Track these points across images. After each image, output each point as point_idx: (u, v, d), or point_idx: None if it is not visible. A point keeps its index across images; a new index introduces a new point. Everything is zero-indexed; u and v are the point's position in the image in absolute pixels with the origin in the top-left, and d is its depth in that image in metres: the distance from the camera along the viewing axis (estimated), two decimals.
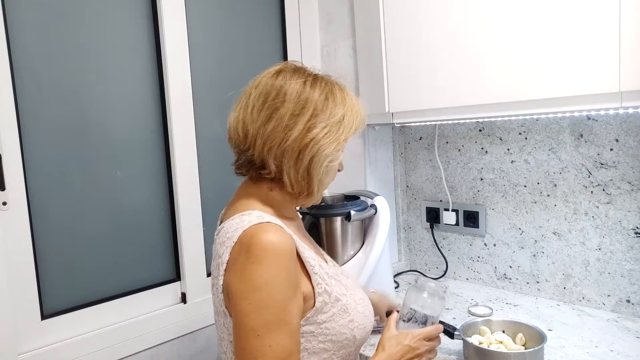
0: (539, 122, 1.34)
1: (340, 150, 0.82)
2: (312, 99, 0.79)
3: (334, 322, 0.80)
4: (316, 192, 0.83)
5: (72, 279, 1.17)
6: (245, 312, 0.71)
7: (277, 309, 0.71)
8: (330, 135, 0.79)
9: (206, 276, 1.40)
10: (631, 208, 1.21)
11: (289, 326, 0.72)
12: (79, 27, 1.16)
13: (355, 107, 0.84)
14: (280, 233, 0.74)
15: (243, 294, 0.71)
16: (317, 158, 0.78)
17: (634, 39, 0.92)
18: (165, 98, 1.31)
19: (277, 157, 0.79)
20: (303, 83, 0.80)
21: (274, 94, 0.79)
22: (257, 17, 1.55)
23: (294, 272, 0.75)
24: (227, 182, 1.46)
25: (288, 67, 0.84)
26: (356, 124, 0.83)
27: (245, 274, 0.71)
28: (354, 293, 0.87)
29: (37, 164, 1.10)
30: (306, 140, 0.77)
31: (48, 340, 1.11)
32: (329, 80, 0.84)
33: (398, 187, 1.70)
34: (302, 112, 0.78)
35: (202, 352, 1.38)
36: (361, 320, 0.85)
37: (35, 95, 1.10)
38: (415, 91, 1.29)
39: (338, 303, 0.81)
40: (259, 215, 0.77)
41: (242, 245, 0.73)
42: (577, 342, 1.11)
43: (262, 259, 0.71)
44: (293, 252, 0.75)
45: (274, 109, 0.79)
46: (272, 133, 0.78)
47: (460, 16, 1.18)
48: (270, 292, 0.71)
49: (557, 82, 1.03)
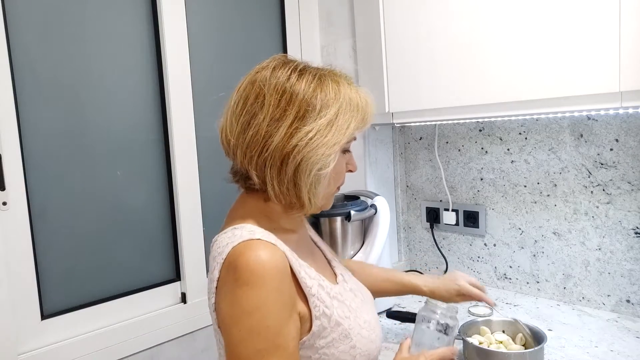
0: (539, 122, 1.34)
1: (332, 154, 0.71)
2: (295, 99, 0.70)
3: (334, 347, 0.73)
4: (308, 203, 0.73)
5: (72, 279, 1.17)
6: (237, 339, 0.65)
7: (270, 334, 0.65)
8: (317, 139, 0.69)
9: (206, 276, 1.40)
10: (631, 208, 1.21)
11: (285, 351, 0.66)
12: (79, 27, 1.16)
13: (355, 100, 0.74)
14: (271, 251, 0.68)
15: (232, 320, 0.66)
16: (302, 167, 0.69)
17: (634, 39, 0.92)
18: (165, 98, 1.31)
19: (259, 168, 0.72)
20: (286, 79, 0.71)
21: (253, 98, 0.71)
22: (257, 17, 1.55)
23: (288, 292, 0.69)
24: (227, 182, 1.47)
25: (272, 61, 0.75)
26: (356, 121, 0.73)
27: (234, 298, 0.65)
28: (359, 315, 0.79)
29: (37, 164, 1.10)
30: (288, 148, 0.69)
31: (48, 340, 1.11)
32: (321, 71, 0.74)
33: (398, 187, 1.70)
34: (284, 115, 0.69)
35: (202, 352, 1.38)
36: (365, 346, 0.77)
37: (35, 95, 1.10)
38: (416, 91, 1.29)
39: (339, 327, 0.74)
40: (251, 230, 0.71)
41: (230, 264, 0.67)
42: (577, 342, 1.11)
43: (251, 281, 0.64)
44: (285, 271, 0.69)
45: (252, 114, 0.71)
46: (252, 142, 0.71)
47: (460, 16, 1.18)
48: (262, 317, 0.65)
49: (557, 82, 1.03)
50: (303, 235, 0.87)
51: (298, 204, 0.74)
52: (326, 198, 0.79)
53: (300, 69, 0.73)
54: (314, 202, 0.74)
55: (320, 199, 0.76)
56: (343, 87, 0.74)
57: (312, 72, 0.73)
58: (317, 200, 0.74)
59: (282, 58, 0.75)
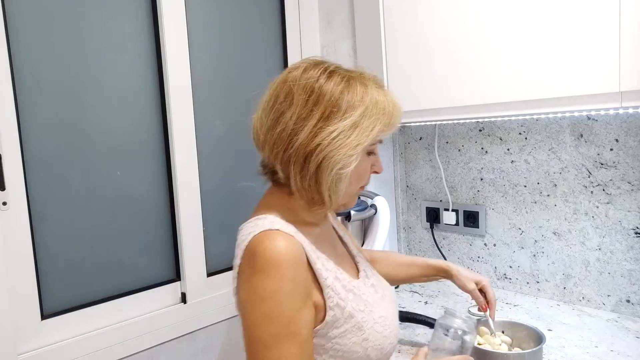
0: (539, 122, 1.34)
1: (354, 155, 0.73)
2: (322, 99, 0.73)
3: (346, 338, 0.76)
4: (329, 200, 0.75)
5: (72, 279, 1.17)
6: (252, 323, 0.69)
7: (283, 321, 0.69)
8: (340, 140, 0.71)
9: (206, 276, 1.40)
10: (631, 208, 1.21)
11: (299, 337, 0.70)
12: (79, 26, 1.16)
13: (381, 104, 0.75)
14: (287, 241, 0.71)
15: (249, 305, 0.70)
16: (324, 165, 0.72)
17: (634, 39, 0.92)
18: (165, 98, 1.31)
19: (284, 164, 0.75)
20: (315, 80, 0.74)
21: (283, 96, 0.75)
22: (257, 17, 1.55)
23: (302, 281, 0.72)
24: (227, 182, 1.47)
25: (304, 63, 0.78)
26: (381, 124, 0.75)
27: (251, 285, 0.70)
28: (375, 310, 0.81)
29: (37, 164, 1.10)
30: (311, 146, 0.72)
31: (48, 340, 1.11)
32: (350, 73, 0.77)
33: (398, 187, 1.70)
34: (310, 114, 0.72)
35: (202, 352, 1.38)
36: (378, 340, 0.79)
37: (35, 95, 1.10)
38: (415, 91, 1.29)
39: (352, 319, 0.77)
40: (272, 221, 0.75)
41: (250, 252, 0.71)
42: (577, 342, 1.11)
43: (267, 269, 0.68)
44: (300, 261, 0.72)
45: (280, 112, 0.75)
46: (279, 138, 0.74)
47: (460, 16, 1.18)
48: (275, 304, 0.68)
49: (557, 82, 1.03)
50: (326, 229, 0.89)
51: (319, 200, 0.76)
52: (348, 197, 0.81)
53: (330, 71, 0.75)
54: (335, 199, 0.76)
55: (342, 197, 0.78)
56: (371, 90, 0.76)
57: (341, 74, 0.76)
58: (337, 198, 0.76)
59: (314, 59, 0.79)
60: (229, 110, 1.47)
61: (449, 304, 1.38)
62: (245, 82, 1.51)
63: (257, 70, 1.55)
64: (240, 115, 1.50)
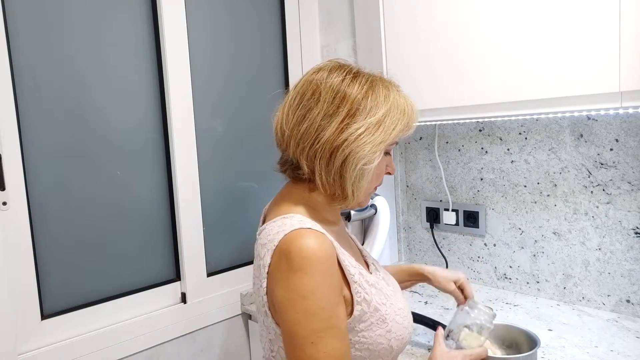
0: (539, 122, 1.34)
1: (377, 152, 0.76)
2: (348, 98, 0.76)
3: (372, 331, 0.79)
4: (351, 196, 0.78)
5: (72, 279, 1.17)
6: (294, 321, 0.70)
7: (325, 316, 0.71)
8: (365, 136, 0.75)
9: (206, 276, 1.40)
10: (631, 208, 1.21)
11: (339, 330, 0.72)
12: (79, 27, 1.16)
13: (402, 106, 0.79)
14: (321, 239, 0.73)
15: (289, 303, 0.71)
16: (349, 160, 0.75)
17: (634, 39, 0.92)
18: (165, 98, 1.31)
19: (310, 158, 0.77)
20: (341, 81, 0.77)
21: (310, 94, 0.78)
22: (257, 17, 1.55)
23: (337, 277, 0.75)
24: (227, 182, 1.47)
25: (329, 64, 0.81)
26: (402, 125, 0.79)
27: (289, 284, 0.71)
28: (394, 303, 0.85)
29: (37, 164, 1.10)
30: (338, 142, 0.75)
31: (48, 340, 1.11)
32: (372, 76, 0.81)
33: (398, 187, 1.70)
34: (337, 112, 0.75)
35: (202, 352, 1.38)
36: (399, 331, 0.82)
37: (35, 95, 1.10)
38: (415, 91, 1.28)
39: (377, 313, 0.80)
40: (301, 220, 0.76)
41: (282, 252, 0.72)
42: (577, 342, 1.11)
43: (304, 267, 0.70)
44: (333, 258, 0.74)
45: (307, 109, 0.77)
46: (305, 134, 0.77)
47: (460, 16, 1.18)
48: (316, 299, 0.70)
49: (557, 82, 1.03)
50: (342, 227, 0.93)
51: (341, 196, 0.79)
52: (365, 195, 0.84)
53: (354, 73, 0.79)
54: (357, 194, 0.79)
55: (362, 193, 0.81)
56: (392, 92, 0.80)
57: (365, 76, 0.80)
58: (359, 194, 0.79)
59: (337, 61, 0.82)
60: (229, 110, 1.47)
61: (449, 304, 1.38)
62: (246, 82, 1.52)
63: (258, 70, 1.55)
64: (241, 115, 1.50)
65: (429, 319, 1.12)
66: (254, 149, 1.50)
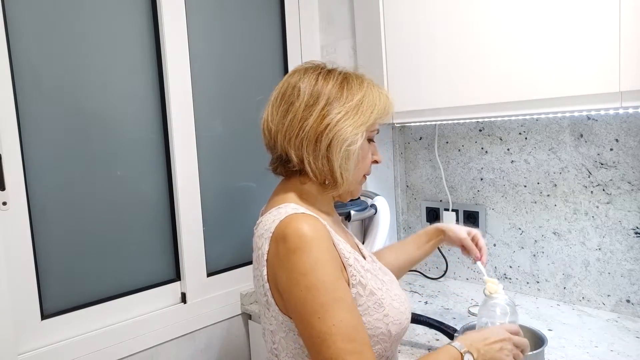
0: (539, 122, 1.34)
1: (359, 133, 0.82)
2: (325, 90, 0.82)
3: (369, 315, 0.80)
4: (340, 179, 0.83)
5: (72, 279, 1.17)
6: (299, 299, 0.72)
7: (328, 289, 0.72)
8: (347, 119, 0.80)
9: (206, 276, 1.40)
10: (631, 208, 1.21)
11: (345, 303, 0.73)
12: (79, 26, 1.16)
13: (376, 92, 0.85)
14: (315, 222, 0.76)
15: (292, 283, 0.73)
16: (334, 143, 0.80)
17: (634, 39, 0.92)
18: (165, 98, 1.31)
19: (297, 147, 0.82)
20: (316, 77, 0.83)
21: (290, 90, 0.84)
22: (257, 17, 1.55)
23: (335, 254, 0.77)
24: (227, 182, 1.47)
25: (304, 65, 0.88)
26: (379, 107, 0.84)
27: (290, 264, 0.73)
28: (390, 289, 0.87)
29: (37, 164, 1.10)
30: (321, 128, 0.80)
31: (48, 340, 1.11)
32: (345, 71, 0.87)
33: (398, 187, 1.70)
34: (317, 101, 0.81)
35: (202, 352, 1.38)
36: (397, 316, 0.84)
37: (35, 95, 1.10)
38: (415, 91, 1.29)
39: (373, 297, 0.81)
40: (295, 207, 0.80)
41: (279, 236, 0.75)
42: (577, 342, 1.11)
43: (301, 245, 0.72)
44: (329, 238, 0.77)
45: (290, 103, 0.83)
46: (290, 125, 0.82)
47: (460, 16, 1.18)
48: (317, 274, 0.72)
49: (557, 82, 1.03)
50: (336, 219, 0.96)
51: (332, 180, 0.83)
52: (355, 183, 0.88)
53: (328, 69, 0.86)
54: (346, 177, 0.83)
55: (351, 177, 0.85)
56: (365, 81, 0.87)
57: (338, 70, 0.87)
58: (348, 176, 0.83)
59: (312, 62, 0.90)
60: (229, 110, 1.47)
61: (449, 304, 1.38)
62: (246, 82, 1.51)
63: (258, 70, 1.55)
64: (241, 115, 1.50)
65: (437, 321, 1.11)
66: (254, 149, 1.50)
